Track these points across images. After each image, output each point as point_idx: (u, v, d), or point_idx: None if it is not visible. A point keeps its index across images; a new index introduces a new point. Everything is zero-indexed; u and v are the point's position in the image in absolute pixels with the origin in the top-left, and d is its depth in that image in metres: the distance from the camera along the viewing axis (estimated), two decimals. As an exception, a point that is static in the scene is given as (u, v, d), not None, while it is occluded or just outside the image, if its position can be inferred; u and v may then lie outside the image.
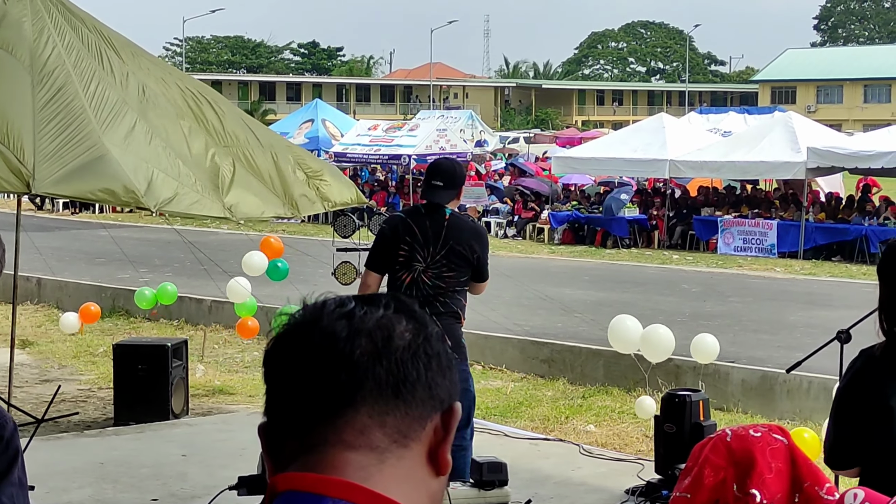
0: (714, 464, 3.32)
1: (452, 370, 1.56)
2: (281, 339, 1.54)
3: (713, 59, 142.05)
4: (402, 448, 1.50)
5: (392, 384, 1.49)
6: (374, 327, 1.51)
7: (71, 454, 9.29)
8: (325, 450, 1.49)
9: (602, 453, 9.56)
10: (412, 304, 1.57)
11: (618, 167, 31.43)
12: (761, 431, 3.40)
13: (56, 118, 8.71)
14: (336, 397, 1.48)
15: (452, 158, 9.28)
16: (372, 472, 1.48)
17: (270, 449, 1.54)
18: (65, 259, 24.83)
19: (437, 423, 1.53)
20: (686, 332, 16.78)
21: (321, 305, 1.55)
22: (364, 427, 1.48)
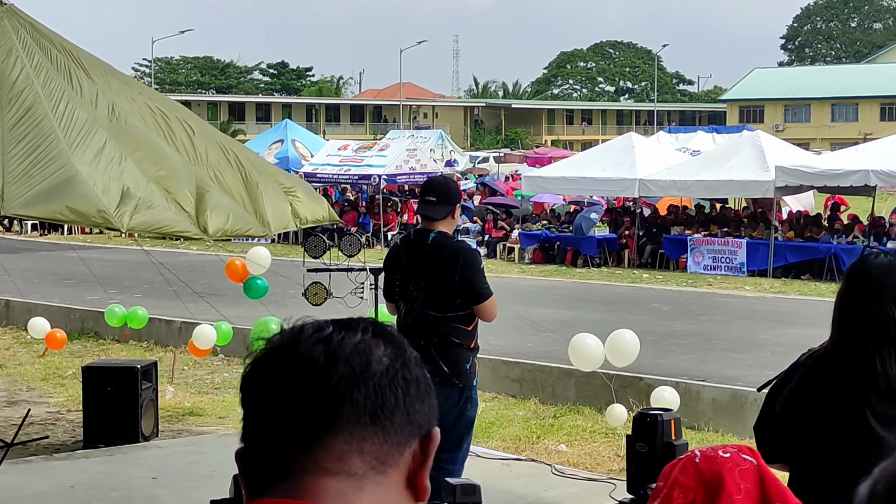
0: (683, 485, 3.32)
1: (431, 395, 1.55)
2: (258, 364, 1.52)
3: (681, 79, 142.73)
4: (381, 474, 1.48)
5: (370, 410, 1.48)
6: (351, 352, 1.49)
7: (40, 478, 9.22)
8: (302, 476, 1.47)
9: (574, 473, 9.55)
10: (390, 329, 1.55)
11: (588, 186, 31.51)
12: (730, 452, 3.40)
13: (25, 139, 8.66)
14: (314, 423, 1.47)
15: (447, 176, 9.22)
16: (350, 499, 1.46)
17: (248, 475, 1.52)
18: (33, 281, 24.68)
19: (415, 448, 1.51)
20: (656, 352, 16.83)
21: (299, 330, 1.53)
22: (342, 453, 1.47)
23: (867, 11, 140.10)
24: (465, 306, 7.29)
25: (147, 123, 9.86)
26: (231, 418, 12.96)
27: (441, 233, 7.41)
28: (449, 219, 7.41)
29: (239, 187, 9.79)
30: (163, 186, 9.12)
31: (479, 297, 7.31)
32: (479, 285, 7.32)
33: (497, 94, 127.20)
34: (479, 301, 7.31)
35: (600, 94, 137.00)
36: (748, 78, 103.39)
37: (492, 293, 7.35)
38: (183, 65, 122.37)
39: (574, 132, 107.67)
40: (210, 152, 9.98)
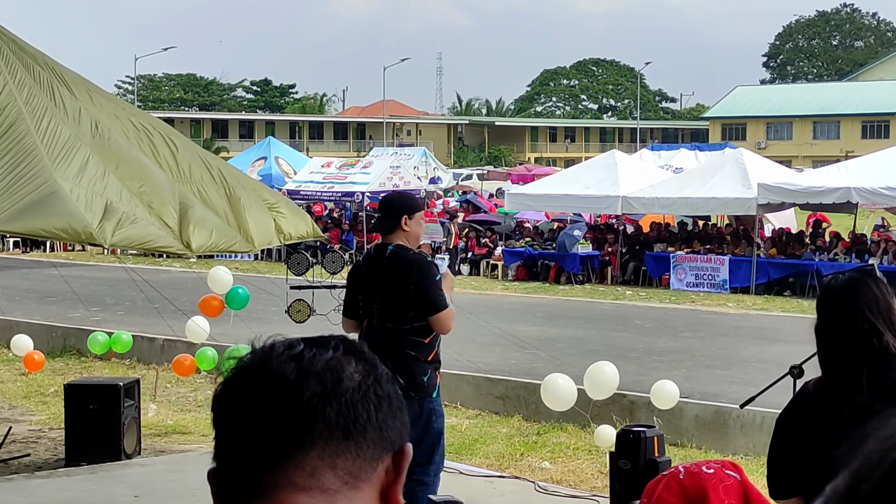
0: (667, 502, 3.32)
1: (403, 411, 1.56)
2: (229, 382, 1.52)
3: (664, 96, 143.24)
4: (354, 490, 1.48)
5: (342, 426, 1.48)
6: (323, 369, 1.50)
7: (21, 496, 9.17)
8: (275, 493, 1.47)
9: (557, 490, 9.55)
10: (361, 346, 1.56)
11: (571, 204, 31.57)
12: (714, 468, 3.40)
13: (7, 155, 8.64)
14: (286, 440, 1.47)
15: (403, 191, 9.21)
16: None
17: (220, 494, 1.52)
18: (15, 298, 24.60)
19: (388, 464, 1.52)
20: (640, 368, 16.86)
21: (270, 348, 1.53)
22: (314, 469, 1.47)
23: (849, 30, 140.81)
24: (421, 318, 7.27)
25: (130, 139, 9.86)
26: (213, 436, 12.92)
27: (398, 245, 7.41)
28: (399, 231, 7.39)
29: (223, 203, 9.79)
30: (146, 202, 9.11)
31: (434, 308, 7.27)
32: (433, 296, 7.28)
33: (480, 112, 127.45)
34: (434, 312, 7.27)
35: (583, 112, 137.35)
36: (730, 95, 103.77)
37: (447, 305, 7.29)
38: (166, 82, 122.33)
39: (557, 149, 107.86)
40: (194, 168, 9.98)
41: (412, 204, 7.56)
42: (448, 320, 7.34)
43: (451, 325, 7.38)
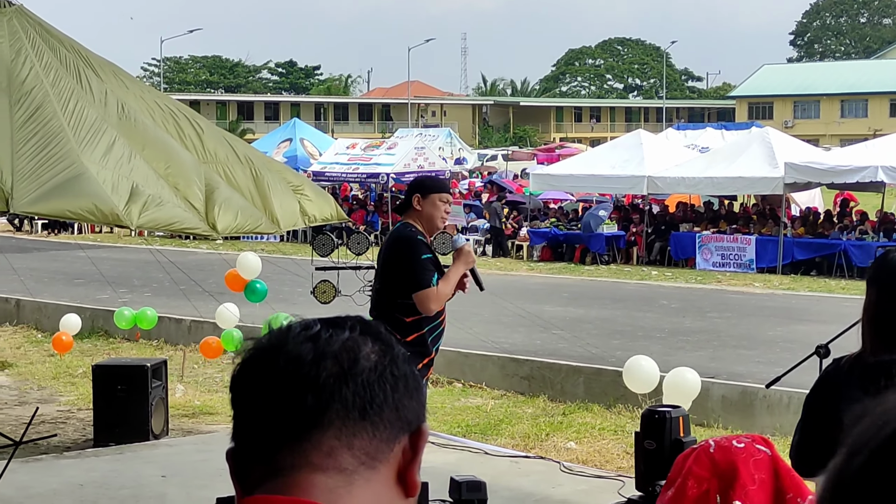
0: (697, 475, 3.31)
1: (420, 391, 1.56)
2: (246, 363, 1.54)
3: (690, 76, 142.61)
4: (370, 470, 1.49)
5: (359, 406, 1.49)
6: (339, 349, 1.51)
7: (50, 476, 9.24)
8: (292, 473, 1.48)
9: (582, 470, 9.55)
10: (378, 327, 1.57)
11: (596, 184, 31.50)
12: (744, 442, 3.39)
13: (34, 137, 8.69)
14: (303, 420, 1.48)
15: (431, 174, 9.13)
16: (340, 494, 1.47)
17: (238, 473, 1.53)
18: (43, 280, 24.73)
19: (405, 444, 1.53)
20: (666, 349, 16.83)
21: (286, 329, 1.54)
22: (331, 449, 1.48)
23: (877, 7, 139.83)
24: (404, 295, 7.17)
25: (156, 121, 9.89)
26: (235, 419, 12.97)
27: (403, 223, 7.39)
28: (411, 211, 7.34)
29: (248, 184, 9.82)
30: (172, 184, 9.14)
31: (410, 287, 7.14)
32: (410, 273, 7.15)
33: (505, 92, 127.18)
34: (412, 290, 7.14)
35: (609, 92, 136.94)
36: (757, 74, 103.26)
37: (429, 285, 7.09)
38: (192, 64, 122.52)
39: (583, 129, 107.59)
40: (219, 150, 10.01)
41: (428, 184, 7.50)
42: (426, 300, 7.13)
43: (431, 306, 7.14)
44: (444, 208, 7.39)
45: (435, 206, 7.30)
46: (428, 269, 7.15)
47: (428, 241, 7.31)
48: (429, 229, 7.34)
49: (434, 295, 7.12)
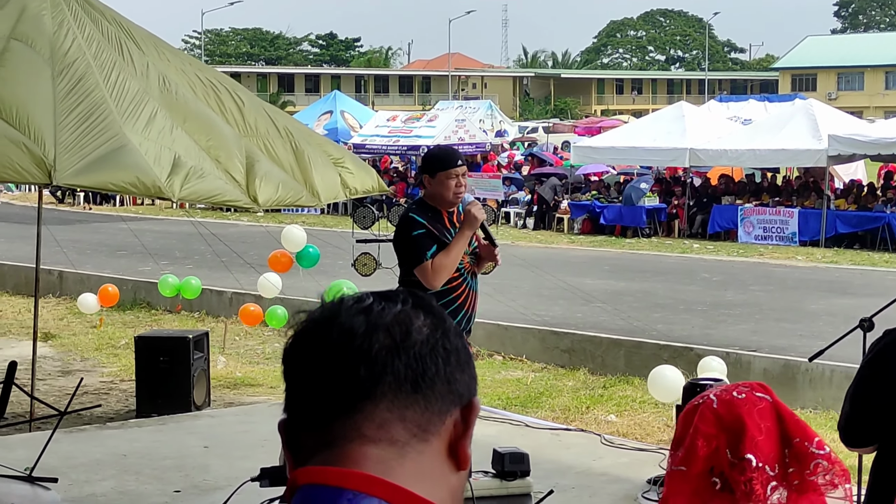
0: (705, 433, 3.31)
1: (471, 365, 1.56)
2: (299, 336, 1.54)
3: (733, 47, 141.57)
4: (422, 442, 1.50)
5: (411, 379, 1.49)
6: (391, 322, 1.51)
7: (93, 446, 9.31)
8: (344, 444, 1.49)
9: (623, 443, 9.54)
10: (429, 300, 1.57)
11: (637, 156, 31.36)
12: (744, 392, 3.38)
13: (76, 109, 8.72)
14: (355, 392, 1.48)
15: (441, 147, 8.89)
16: (392, 466, 1.48)
17: (290, 445, 1.54)
18: (86, 252, 24.90)
19: (456, 417, 1.53)
20: (707, 322, 16.78)
21: (339, 302, 1.55)
22: (383, 421, 1.48)
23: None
24: (408, 273, 7.08)
25: (197, 94, 9.91)
26: (281, 388, 13.02)
27: (416, 200, 7.41)
28: (425, 188, 7.30)
29: (289, 157, 9.82)
30: (213, 156, 9.16)
31: (408, 264, 7.09)
32: (404, 250, 7.11)
33: (546, 64, 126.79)
34: (411, 266, 7.05)
35: (651, 63, 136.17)
36: (801, 46, 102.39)
37: (421, 260, 6.95)
38: (233, 36, 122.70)
39: (624, 102, 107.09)
40: (260, 122, 10.02)
41: (434, 162, 7.25)
42: (423, 274, 7.00)
43: (430, 280, 6.99)
44: (456, 183, 7.17)
45: (443, 184, 7.09)
46: (420, 245, 7.01)
47: (444, 214, 7.17)
48: (444, 206, 7.18)
49: (428, 268, 7.01)
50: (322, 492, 1.47)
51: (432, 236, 7.02)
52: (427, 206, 7.16)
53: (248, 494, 4.79)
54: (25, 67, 9.02)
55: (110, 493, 8.09)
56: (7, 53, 9.04)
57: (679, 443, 3.32)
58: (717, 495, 3.23)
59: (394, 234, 7.38)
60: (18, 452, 7.04)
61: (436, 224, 7.08)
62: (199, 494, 8.04)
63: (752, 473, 3.18)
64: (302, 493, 1.49)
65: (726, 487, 3.20)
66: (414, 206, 7.30)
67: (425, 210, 7.12)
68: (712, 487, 3.24)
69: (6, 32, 9.21)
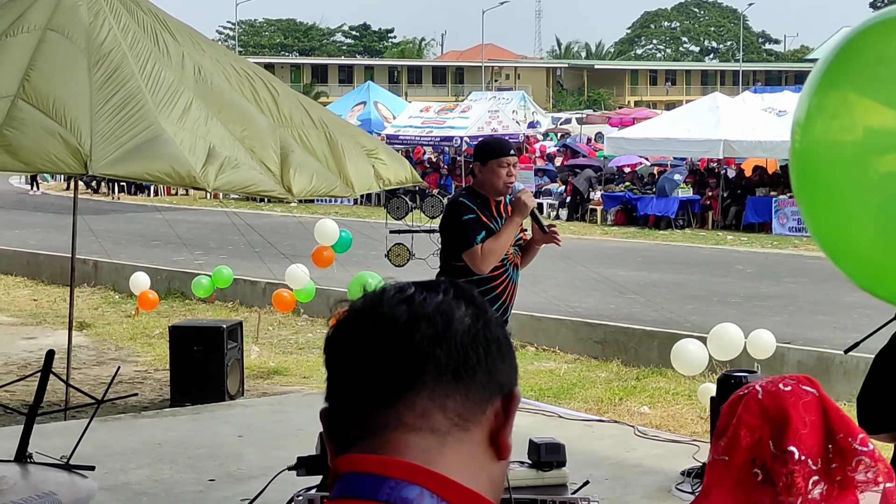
0: (749, 424, 3.29)
1: (512, 355, 1.57)
2: (342, 325, 1.55)
3: (767, 38, 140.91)
4: (463, 431, 1.51)
5: (452, 368, 1.50)
6: (433, 312, 1.52)
7: (128, 435, 9.37)
8: (385, 433, 1.50)
9: (657, 434, 9.52)
10: (471, 290, 1.57)
11: (671, 147, 31.25)
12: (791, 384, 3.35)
13: (112, 99, 8.76)
14: (397, 381, 1.49)
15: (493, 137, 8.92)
16: (433, 455, 1.49)
17: (332, 433, 1.55)
18: (121, 242, 25.02)
19: (497, 407, 1.54)
20: (741, 314, 16.71)
21: (381, 292, 1.56)
22: (425, 410, 1.49)
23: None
24: (454, 258, 7.14)
25: (232, 84, 9.94)
26: (315, 378, 13.07)
27: (465, 187, 7.43)
28: (476, 177, 7.32)
29: (323, 148, 9.84)
30: (248, 146, 9.19)
31: (453, 251, 7.13)
32: (452, 237, 7.15)
33: (580, 55, 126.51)
34: (457, 251, 7.11)
35: (684, 55, 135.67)
36: (836, 37, 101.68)
37: (471, 244, 7.02)
38: (266, 27, 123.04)
39: (658, 93, 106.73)
40: (294, 113, 10.04)
41: (486, 150, 7.31)
42: (472, 259, 7.06)
43: (478, 265, 7.06)
44: (507, 171, 7.22)
45: (494, 172, 7.16)
46: (470, 229, 7.09)
47: (491, 203, 7.22)
48: (495, 195, 7.24)
49: (478, 252, 7.06)
50: (364, 479, 1.48)
51: (481, 222, 7.08)
52: (476, 193, 7.21)
53: (284, 483, 4.81)
54: (62, 58, 9.07)
55: (145, 482, 8.14)
56: (43, 44, 9.10)
57: (722, 432, 3.31)
58: (759, 487, 3.21)
59: (441, 219, 7.45)
60: (54, 440, 7.09)
61: (484, 211, 7.15)
62: (233, 483, 8.08)
63: (795, 466, 3.16)
64: (344, 480, 1.49)
65: (768, 479, 3.19)
66: (464, 191, 7.35)
67: (474, 197, 7.18)
68: (754, 479, 3.22)
69: (43, 23, 9.26)
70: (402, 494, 1.45)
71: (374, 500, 1.46)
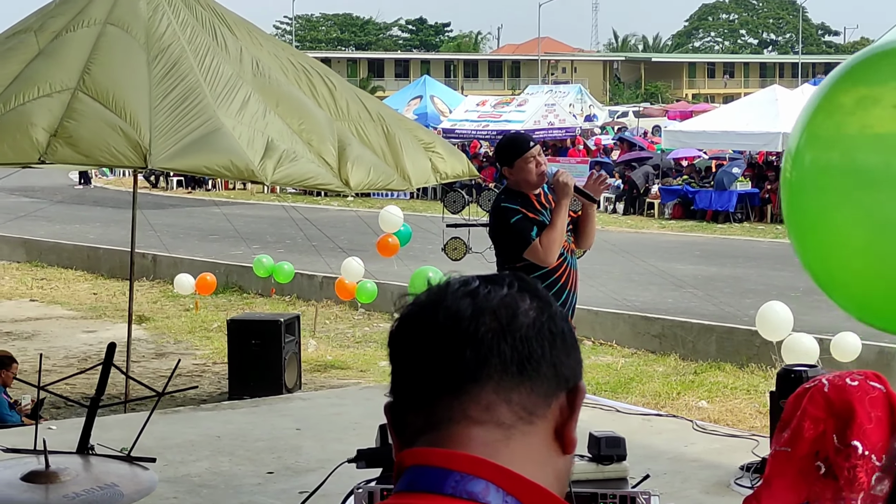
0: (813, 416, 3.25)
1: (577, 349, 1.56)
2: (406, 319, 1.54)
3: (827, 30, 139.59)
4: (528, 425, 1.50)
5: (517, 361, 1.49)
6: (498, 305, 1.51)
7: (188, 427, 9.42)
8: (450, 426, 1.49)
9: (716, 429, 9.45)
10: (535, 284, 1.57)
11: (730, 140, 31.00)
12: (858, 380, 3.31)
13: (171, 93, 8.81)
14: (461, 374, 1.48)
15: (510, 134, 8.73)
16: (498, 448, 1.48)
17: (396, 426, 1.55)
18: (179, 236, 25.19)
19: (562, 401, 1.53)
20: (801, 308, 16.53)
21: (445, 285, 1.55)
22: (490, 403, 1.48)
23: None
24: (511, 261, 7.06)
25: (289, 78, 9.97)
26: (372, 372, 13.10)
27: (504, 188, 7.38)
28: (507, 179, 7.27)
29: (380, 141, 9.85)
30: (305, 140, 9.21)
31: (514, 249, 7.07)
32: (507, 240, 7.12)
33: (637, 48, 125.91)
34: (518, 250, 7.04)
35: (743, 47, 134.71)
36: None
37: (528, 242, 6.95)
38: (323, 22, 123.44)
39: (715, 86, 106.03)
40: (351, 106, 10.05)
41: (507, 152, 7.20)
42: (534, 254, 7.00)
43: (542, 257, 7.00)
44: (534, 164, 7.16)
45: (523, 169, 7.10)
46: (522, 229, 7.04)
47: (532, 198, 7.17)
48: (532, 189, 7.19)
49: (538, 247, 7.03)
50: (429, 473, 1.47)
51: (529, 219, 7.04)
52: (515, 192, 7.17)
53: (343, 476, 4.81)
54: (121, 52, 9.14)
55: (205, 474, 8.18)
56: (103, 38, 9.17)
57: (786, 424, 3.28)
58: (821, 480, 3.19)
59: (490, 227, 7.40)
60: (114, 432, 7.14)
61: (528, 207, 7.10)
62: (291, 476, 8.10)
63: (858, 461, 3.13)
64: (409, 474, 1.49)
65: (830, 473, 3.16)
66: (503, 195, 7.29)
67: (514, 197, 7.13)
68: (816, 471, 3.20)
69: (102, 18, 9.34)
70: (467, 488, 1.45)
71: (439, 493, 1.45)
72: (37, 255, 23.39)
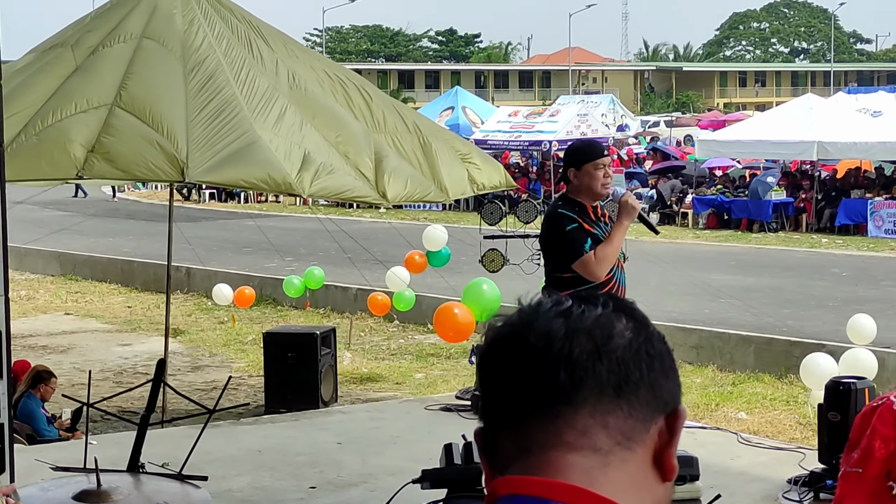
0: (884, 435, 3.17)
1: (675, 372, 1.48)
2: (496, 340, 1.47)
3: (859, 38, 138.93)
4: (626, 451, 1.41)
5: (613, 384, 1.41)
6: (592, 325, 1.43)
7: (228, 442, 9.38)
8: (545, 452, 1.41)
9: (761, 442, 9.34)
10: (631, 304, 1.49)
11: (764, 149, 30.83)
12: None
13: (208, 106, 8.79)
14: (555, 397, 1.40)
15: (584, 140, 8.65)
16: (596, 476, 1.39)
17: (487, 452, 1.47)
18: (212, 249, 25.20)
19: (661, 425, 1.44)
20: (839, 318, 16.36)
21: (536, 305, 1.47)
22: (586, 428, 1.40)
23: None
24: (560, 270, 7.01)
25: (325, 90, 9.93)
26: (408, 384, 13.03)
27: (561, 195, 7.30)
28: (570, 184, 7.16)
29: (417, 153, 9.79)
30: (342, 152, 9.16)
31: (563, 261, 6.99)
32: (556, 250, 7.04)
33: (667, 58, 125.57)
34: (567, 262, 6.96)
35: (774, 56, 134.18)
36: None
37: (580, 253, 6.88)
38: (353, 34, 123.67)
39: (747, 95, 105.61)
40: (388, 118, 10.00)
41: (579, 154, 7.16)
42: (584, 267, 6.92)
43: (593, 272, 6.92)
44: (604, 173, 7.10)
45: (591, 175, 7.02)
46: (576, 239, 6.96)
47: (588, 209, 7.09)
48: (592, 199, 7.11)
49: (592, 260, 6.95)
50: (525, 503, 1.39)
51: (584, 230, 6.95)
52: (572, 201, 7.06)
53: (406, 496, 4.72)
54: (157, 66, 9.12)
55: (247, 489, 8.13)
56: (140, 52, 9.16)
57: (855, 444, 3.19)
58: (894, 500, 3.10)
59: (542, 232, 7.29)
60: (156, 448, 7.10)
61: (585, 218, 7.01)
62: (333, 490, 8.04)
63: (930, 480, 3.04)
64: (503, 503, 1.41)
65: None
66: (560, 202, 7.20)
67: (572, 205, 7.04)
68: (889, 492, 3.11)
69: (139, 31, 9.32)
70: None
71: None
72: (71, 269, 23.46)
